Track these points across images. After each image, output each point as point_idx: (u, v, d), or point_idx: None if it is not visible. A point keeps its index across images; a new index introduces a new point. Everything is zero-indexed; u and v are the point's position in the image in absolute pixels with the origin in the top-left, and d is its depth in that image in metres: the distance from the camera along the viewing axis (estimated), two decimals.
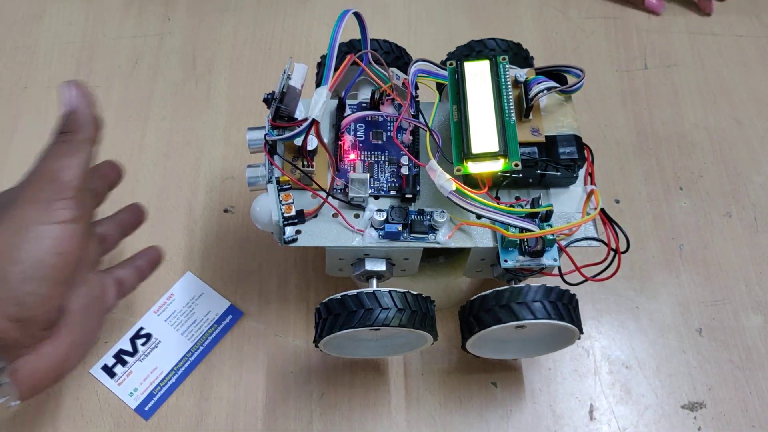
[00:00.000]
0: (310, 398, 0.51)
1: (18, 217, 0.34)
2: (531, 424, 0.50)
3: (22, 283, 0.33)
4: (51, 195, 0.35)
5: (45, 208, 0.34)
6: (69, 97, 0.38)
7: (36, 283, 0.33)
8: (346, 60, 0.42)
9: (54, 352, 0.36)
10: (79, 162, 0.37)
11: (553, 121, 0.44)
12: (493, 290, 0.42)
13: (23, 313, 0.33)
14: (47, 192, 0.35)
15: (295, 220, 0.40)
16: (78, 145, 0.37)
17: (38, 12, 0.69)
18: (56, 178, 0.35)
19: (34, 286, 0.33)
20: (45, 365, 0.36)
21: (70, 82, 0.38)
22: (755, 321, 0.55)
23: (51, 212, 0.34)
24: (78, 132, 0.37)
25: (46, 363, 0.36)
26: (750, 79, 0.66)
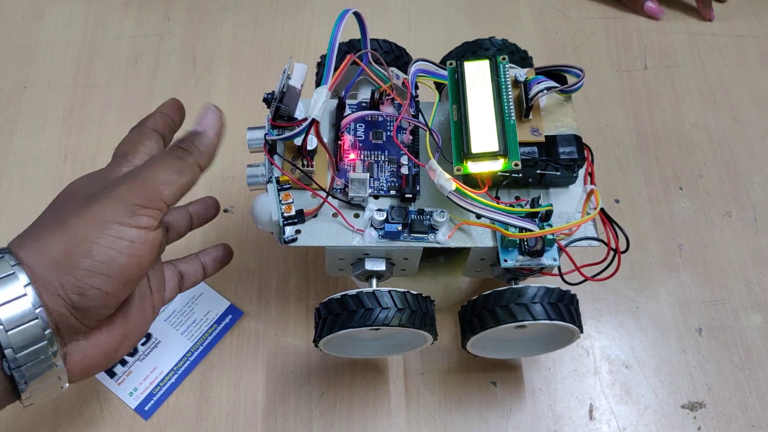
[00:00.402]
0: (310, 398, 0.51)
1: (100, 211, 0.34)
2: (531, 423, 0.50)
3: (89, 276, 0.33)
4: (143, 201, 0.34)
5: (131, 210, 0.34)
6: (206, 120, 0.38)
7: (102, 280, 0.33)
8: (346, 60, 0.42)
9: (106, 341, 0.36)
10: (183, 183, 0.36)
11: (553, 121, 0.44)
12: (493, 290, 0.42)
13: (83, 303, 0.33)
14: (140, 197, 0.34)
15: (294, 220, 0.40)
16: (190, 167, 0.37)
17: (38, 12, 0.69)
18: (155, 189, 0.35)
19: (100, 281, 0.33)
20: (96, 352, 0.36)
21: (215, 108, 0.39)
22: (755, 321, 0.55)
23: (136, 216, 0.34)
24: (195, 155, 0.37)
25: (97, 350, 0.36)
26: (750, 79, 0.66)
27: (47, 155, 0.61)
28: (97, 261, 0.33)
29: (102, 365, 0.37)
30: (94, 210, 0.34)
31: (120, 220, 0.34)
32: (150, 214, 0.35)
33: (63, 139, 0.62)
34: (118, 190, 0.35)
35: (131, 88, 0.65)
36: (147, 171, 0.36)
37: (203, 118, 0.38)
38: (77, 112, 0.63)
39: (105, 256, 0.33)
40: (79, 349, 0.35)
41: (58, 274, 0.33)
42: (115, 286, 0.34)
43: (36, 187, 0.59)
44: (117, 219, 0.34)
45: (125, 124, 0.62)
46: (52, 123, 0.63)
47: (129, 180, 0.35)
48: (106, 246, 0.33)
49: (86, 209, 0.34)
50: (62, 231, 0.34)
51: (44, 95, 0.64)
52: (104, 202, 0.34)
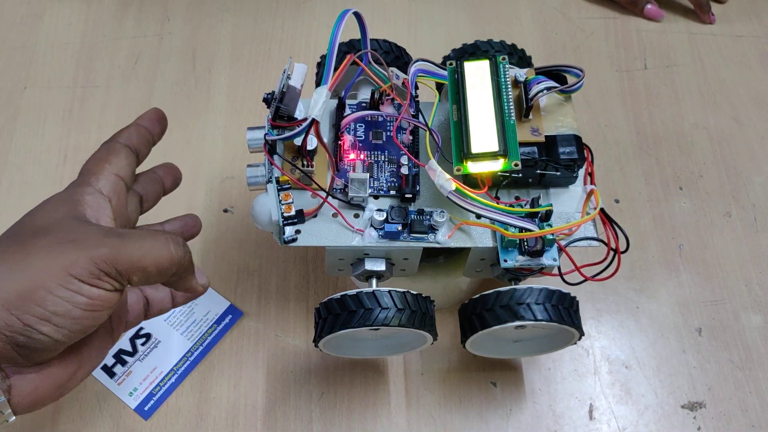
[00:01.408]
0: (310, 398, 0.51)
1: (65, 263, 0.31)
2: (531, 423, 0.50)
3: (38, 323, 0.31)
4: (112, 272, 0.32)
5: (97, 275, 0.32)
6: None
7: (52, 329, 0.31)
8: (346, 60, 0.42)
9: (59, 373, 0.34)
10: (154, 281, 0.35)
11: (552, 121, 0.44)
12: (494, 290, 0.42)
13: (29, 345, 0.32)
14: (110, 268, 0.32)
15: (294, 220, 0.40)
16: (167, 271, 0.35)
17: (38, 12, 0.69)
18: (129, 270, 0.33)
19: (50, 330, 0.31)
20: (48, 384, 0.34)
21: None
22: (755, 321, 0.55)
23: (101, 279, 0.32)
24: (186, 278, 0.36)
25: (49, 382, 0.34)
26: (750, 79, 0.66)
27: (47, 155, 0.61)
28: (49, 311, 0.31)
29: (54, 396, 0.35)
30: (61, 259, 0.32)
31: (83, 278, 0.32)
32: (113, 283, 0.33)
33: (63, 139, 0.62)
34: (96, 250, 0.32)
35: (131, 88, 0.65)
36: (136, 248, 0.33)
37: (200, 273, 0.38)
38: (77, 112, 0.63)
39: (60, 307, 0.31)
40: (28, 382, 0.33)
41: (4, 314, 0.31)
42: (65, 335, 0.32)
43: (36, 188, 0.59)
44: (81, 276, 0.31)
45: (125, 125, 0.62)
46: (52, 123, 0.63)
47: (113, 244, 0.33)
48: (63, 298, 0.31)
49: (53, 254, 0.32)
50: (20, 270, 0.31)
51: (44, 95, 0.64)
52: (75, 254, 0.32)
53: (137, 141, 0.40)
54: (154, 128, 0.41)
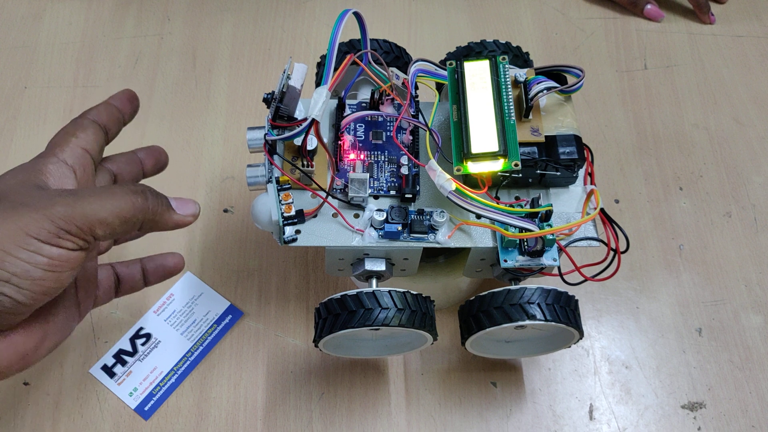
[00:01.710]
0: (310, 398, 0.51)
1: (24, 224, 0.31)
2: (531, 424, 0.50)
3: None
4: (72, 229, 0.32)
5: (57, 233, 0.32)
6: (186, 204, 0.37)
7: (13, 289, 0.31)
8: (346, 60, 0.42)
9: (23, 342, 0.34)
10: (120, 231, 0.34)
11: (552, 121, 0.44)
12: (494, 290, 0.42)
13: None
14: (70, 225, 0.32)
15: (294, 220, 0.40)
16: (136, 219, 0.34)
17: (38, 12, 0.69)
18: (90, 223, 0.32)
19: (11, 290, 0.31)
20: (11, 353, 0.33)
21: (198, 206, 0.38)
22: (755, 321, 0.55)
23: (60, 238, 0.32)
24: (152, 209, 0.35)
25: (12, 351, 0.34)
26: (750, 79, 0.66)
27: None
28: (8, 272, 0.31)
29: (18, 366, 0.34)
30: (17, 220, 0.31)
31: (41, 237, 0.31)
32: (75, 241, 0.32)
33: None
34: (50, 209, 0.32)
35: (131, 88, 0.64)
36: (91, 200, 0.33)
37: (185, 203, 0.37)
38: (77, 112, 0.63)
39: (19, 268, 0.31)
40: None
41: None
42: (27, 297, 0.32)
43: None
44: (39, 235, 0.31)
45: None
46: (52, 123, 0.63)
47: (68, 202, 0.32)
48: (21, 259, 0.31)
49: (9, 217, 0.31)
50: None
51: (44, 95, 0.64)
52: (30, 215, 0.31)
53: (107, 118, 0.39)
54: (125, 107, 0.40)
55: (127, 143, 0.62)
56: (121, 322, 0.53)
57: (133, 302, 0.54)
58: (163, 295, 0.54)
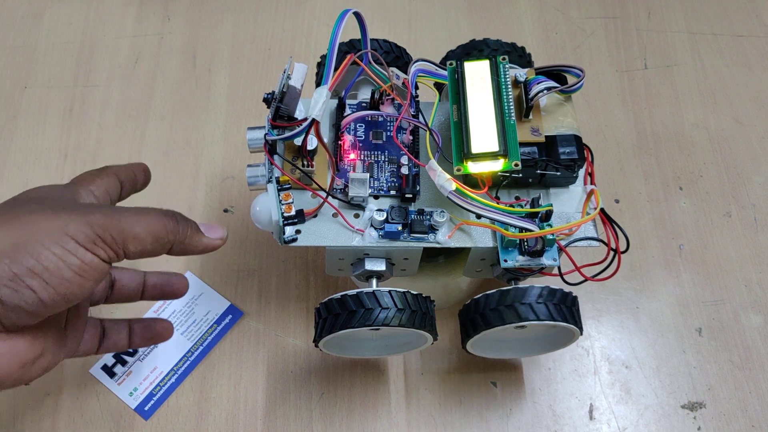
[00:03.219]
0: (310, 398, 0.51)
1: (64, 224, 0.32)
2: (531, 423, 0.50)
3: (29, 274, 0.31)
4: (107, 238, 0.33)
5: (93, 240, 0.33)
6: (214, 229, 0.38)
7: (41, 284, 0.31)
8: (346, 60, 0.42)
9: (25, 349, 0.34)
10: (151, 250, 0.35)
11: (553, 121, 0.44)
12: (494, 290, 0.42)
13: (12, 300, 0.31)
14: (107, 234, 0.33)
15: (294, 220, 0.40)
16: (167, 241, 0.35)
17: (38, 12, 0.69)
18: (125, 237, 0.34)
19: (39, 285, 0.31)
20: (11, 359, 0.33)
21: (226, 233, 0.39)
22: (755, 321, 0.55)
23: (95, 245, 0.33)
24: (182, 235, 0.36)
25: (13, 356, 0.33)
26: (750, 79, 0.66)
27: (47, 155, 0.61)
28: (42, 264, 0.31)
29: (16, 375, 0.34)
30: (57, 220, 0.32)
31: (79, 240, 0.32)
32: (107, 251, 0.33)
33: (63, 139, 0.62)
34: (91, 215, 0.33)
35: (131, 88, 0.65)
36: (127, 215, 0.34)
37: (212, 227, 0.38)
38: (77, 112, 0.63)
39: (52, 264, 0.32)
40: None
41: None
42: (51, 296, 0.32)
43: None
44: (77, 237, 0.32)
45: (125, 124, 0.63)
46: (52, 123, 0.63)
47: (106, 212, 0.34)
48: (57, 255, 0.32)
49: (50, 216, 0.33)
50: (17, 225, 0.32)
51: (44, 95, 0.64)
52: (71, 218, 0.33)
53: (124, 176, 0.41)
54: (139, 176, 0.43)
55: (127, 143, 0.62)
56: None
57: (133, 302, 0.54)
58: None
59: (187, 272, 0.55)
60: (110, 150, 0.61)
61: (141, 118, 0.63)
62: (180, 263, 0.55)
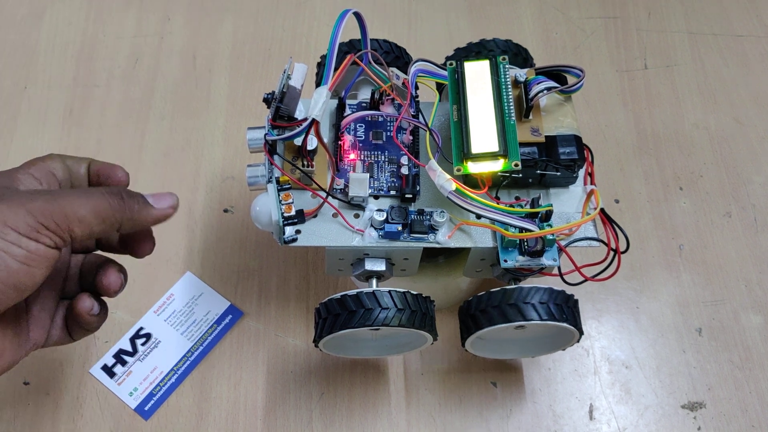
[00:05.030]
0: (310, 398, 0.51)
1: (2, 214, 0.31)
2: (531, 424, 0.50)
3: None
4: (50, 225, 0.32)
5: (35, 227, 0.32)
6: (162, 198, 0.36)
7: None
8: (346, 60, 0.42)
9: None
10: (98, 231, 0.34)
11: (553, 121, 0.44)
12: (494, 290, 0.42)
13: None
14: (49, 220, 0.32)
15: (294, 220, 0.40)
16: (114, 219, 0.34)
17: (38, 12, 0.69)
18: (68, 221, 0.33)
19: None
20: None
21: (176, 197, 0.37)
22: (755, 321, 0.55)
23: (38, 233, 0.32)
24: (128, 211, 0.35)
25: None
26: (750, 79, 0.66)
27: None
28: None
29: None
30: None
31: (20, 230, 0.31)
32: (52, 238, 0.33)
33: (63, 139, 0.62)
34: (31, 203, 0.32)
35: (131, 89, 0.65)
36: (70, 199, 0.33)
37: (161, 196, 0.37)
38: (77, 112, 0.63)
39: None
40: None
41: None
42: (3, 291, 0.32)
43: None
44: (17, 228, 0.31)
45: (125, 124, 0.63)
46: (52, 123, 0.63)
47: (47, 198, 0.33)
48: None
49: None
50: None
51: (44, 95, 0.64)
52: (10, 208, 0.32)
53: (71, 162, 0.39)
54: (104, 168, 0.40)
55: (127, 143, 0.62)
56: (121, 322, 0.53)
57: (133, 302, 0.54)
58: (163, 295, 0.54)
59: (187, 272, 0.55)
60: (110, 150, 0.61)
61: (141, 119, 0.63)
62: (180, 264, 0.56)
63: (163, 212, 0.37)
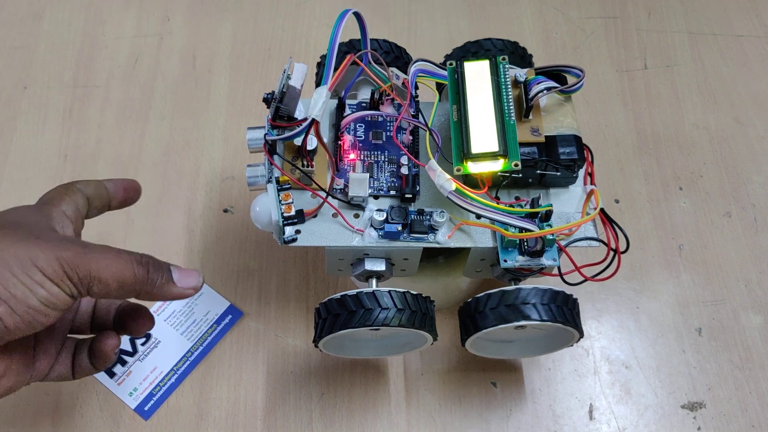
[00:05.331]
0: (310, 398, 0.51)
1: (35, 254, 0.33)
2: (531, 424, 0.50)
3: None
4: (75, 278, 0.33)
5: (61, 276, 0.33)
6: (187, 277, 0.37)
7: (7, 312, 0.32)
8: (346, 60, 0.42)
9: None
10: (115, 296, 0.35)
11: (553, 121, 0.44)
12: (494, 290, 0.42)
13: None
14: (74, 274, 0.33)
15: (294, 220, 0.40)
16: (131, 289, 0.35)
17: (38, 12, 0.69)
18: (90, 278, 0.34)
19: (4, 311, 0.32)
20: None
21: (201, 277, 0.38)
22: (755, 321, 0.55)
23: (63, 281, 0.33)
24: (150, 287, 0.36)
25: None
26: (750, 79, 0.66)
27: (47, 155, 0.61)
28: (9, 291, 0.32)
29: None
30: (29, 250, 0.33)
31: (47, 273, 0.33)
32: (72, 289, 0.34)
33: (63, 139, 0.62)
34: (62, 252, 0.33)
35: (131, 88, 0.65)
36: (98, 258, 0.34)
37: (187, 274, 0.37)
38: (77, 112, 0.63)
39: (19, 292, 0.32)
40: None
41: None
42: (16, 322, 0.33)
43: (36, 188, 0.59)
44: (45, 270, 0.33)
45: (125, 124, 0.63)
46: (52, 123, 0.63)
47: (77, 251, 0.34)
48: (24, 284, 0.32)
49: (23, 245, 0.33)
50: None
51: (44, 95, 0.64)
52: (42, 250, 0.33)
53: (92, 192, 0.41)
54: (117, 193, 0.42)
55: (127, 143, 0.62)
56: None
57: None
58: None
59: None
60: (110, 150, 0.61)
61: (141, 119, 0.63)
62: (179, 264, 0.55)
63: (182, 293, 0.38)
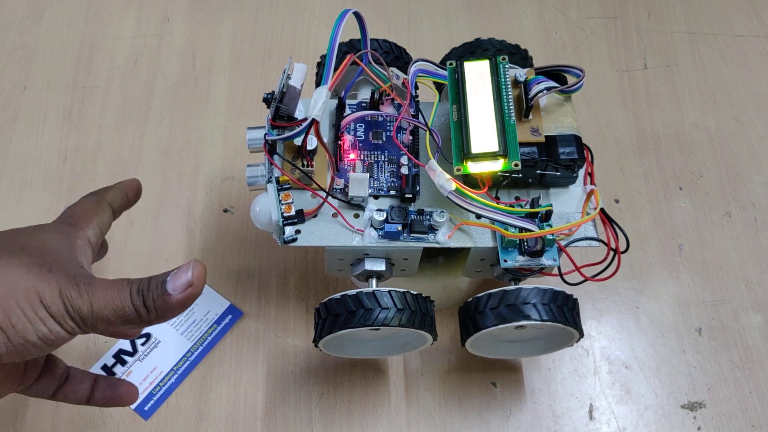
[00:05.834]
0: (310, 398, 0.51)
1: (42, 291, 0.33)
2: (531, 424, 0.50)
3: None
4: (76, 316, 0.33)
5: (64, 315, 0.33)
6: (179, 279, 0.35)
7: (3, 341, 0.32)
8: (346, 60, 0.42)
9: None
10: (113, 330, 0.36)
11: (553, 121, 0.44)
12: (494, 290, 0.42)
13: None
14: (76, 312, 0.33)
15: (294, 220, 0.40)
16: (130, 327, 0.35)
17: (38, 12, 0.69)
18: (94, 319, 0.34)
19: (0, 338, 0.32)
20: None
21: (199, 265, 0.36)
22: (755, 321, 0.55)
23: (66, 319, 0.33)
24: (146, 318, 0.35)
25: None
26: (750, 79, 0.66)
27: (47, 156, 0.61)
28: (10, 322, 0.32)
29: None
30: (40, 282, 0.33)
31: (52, 311, 0.33)
32: (74, 329, 0.34)
33: (63, 139, 0.62)
34: (68, 290, 0.33)
35: (131, 88, 0.65)
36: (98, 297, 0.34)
37: (177, 276, 0.35)
38: (77, 113, 0.63)
39: (20, 324, 0.32)
40: None
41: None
42: (9, 351, 0.32)
43: (36, 188, 0.59)
44: (50, 308, 0.33)
45: (125, 125, 0.63)
46: (52, 124, 0.63)
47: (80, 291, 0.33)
48: (27, 318, 0.32)
49: (35, 275, 0.33)
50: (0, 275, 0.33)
51: (44, 96, 0.64)
52: (51, 287, 0.33)
53: (119, 204, 0.43)
54: (132, 196, 0.44)
55: (127, 144, 0.62)
56: None
57: None
58: None
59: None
60: (110, 151, 0.61)
61: (141, 119, 0.63)
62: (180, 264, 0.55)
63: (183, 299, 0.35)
